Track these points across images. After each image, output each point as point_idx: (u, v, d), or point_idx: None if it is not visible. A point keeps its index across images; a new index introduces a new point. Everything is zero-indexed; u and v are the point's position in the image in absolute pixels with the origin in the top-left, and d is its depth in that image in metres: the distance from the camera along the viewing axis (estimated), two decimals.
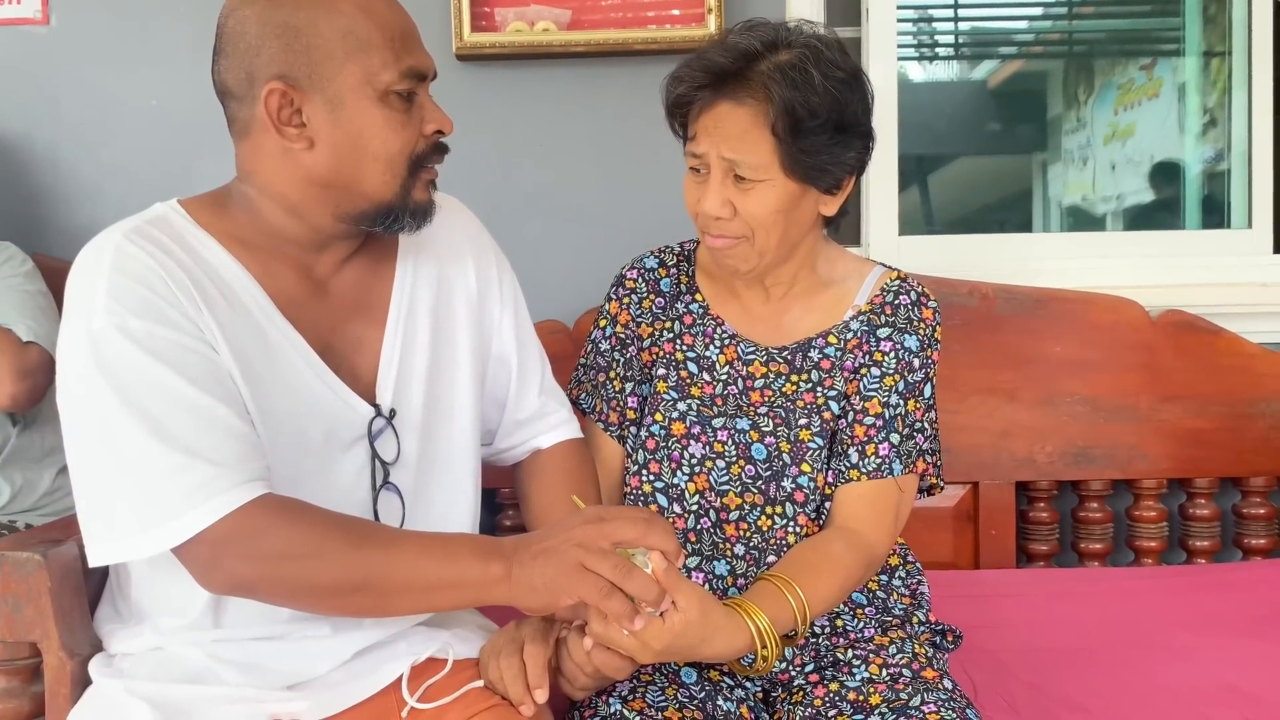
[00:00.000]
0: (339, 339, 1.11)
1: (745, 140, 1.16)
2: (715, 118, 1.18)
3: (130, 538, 0.95)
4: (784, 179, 1.18)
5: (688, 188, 1.24)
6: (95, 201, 1.94)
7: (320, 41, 1.02)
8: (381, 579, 0.98)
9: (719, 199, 1.19)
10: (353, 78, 1.02)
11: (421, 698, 1.06)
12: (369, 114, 1.03)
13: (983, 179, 3.05)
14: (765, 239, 1.21)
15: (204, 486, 0.94)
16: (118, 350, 0.96)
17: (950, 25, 2.79)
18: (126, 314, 0.97)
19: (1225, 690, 1.35)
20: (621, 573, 0.96)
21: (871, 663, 1.21)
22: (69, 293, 1.01)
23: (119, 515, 0.96)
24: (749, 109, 1.16)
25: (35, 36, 1.94)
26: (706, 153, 1.19)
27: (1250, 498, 1.89)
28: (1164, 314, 1.86)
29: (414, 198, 1.09)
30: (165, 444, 0.95)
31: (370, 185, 1.06)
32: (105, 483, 0.97)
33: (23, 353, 1.60)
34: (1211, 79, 2.31)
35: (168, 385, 0.96)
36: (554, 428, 1.29)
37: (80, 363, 0.98)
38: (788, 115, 1.14)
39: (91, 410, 0.97)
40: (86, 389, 0.97)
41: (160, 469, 0.94)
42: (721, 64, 1.17)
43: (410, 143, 1.06)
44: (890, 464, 1.23)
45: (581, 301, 1.81)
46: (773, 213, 1.19)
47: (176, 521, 0.94)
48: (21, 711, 1.13)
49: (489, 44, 1.86)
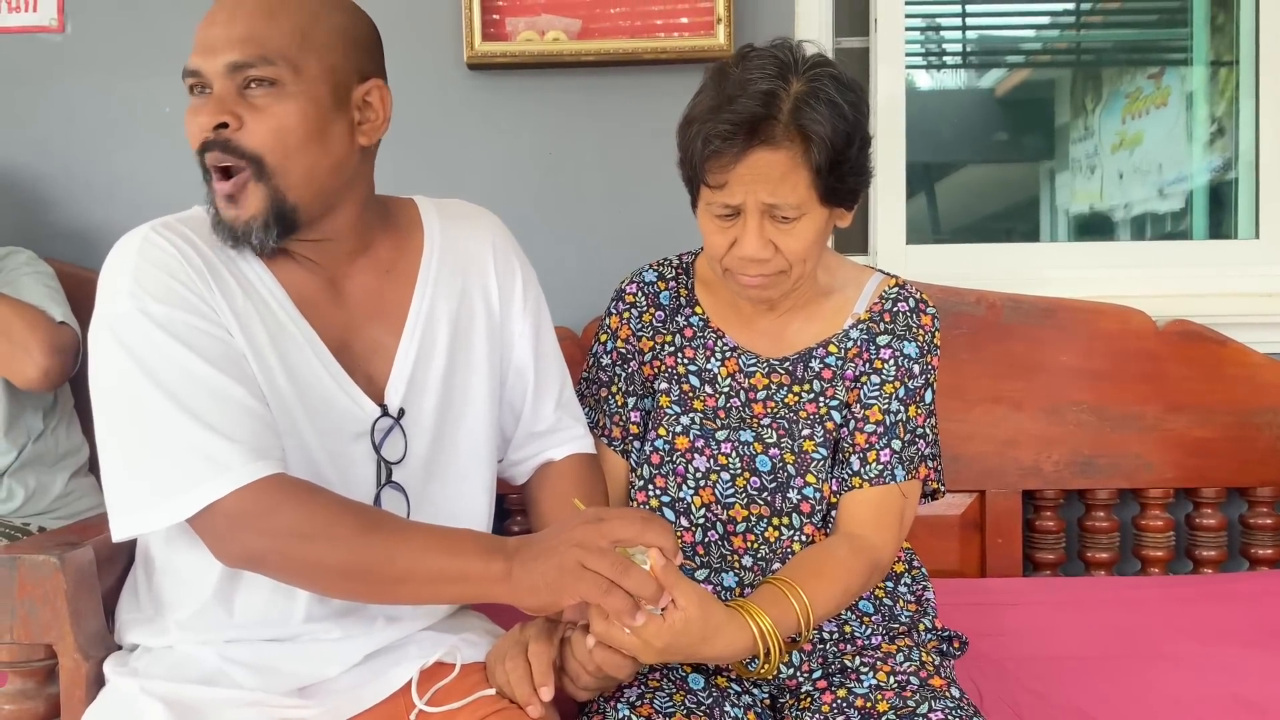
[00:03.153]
0: (357, 340, 1.14)
1: (785, 183, 1.14)
2: (750, 166, 1.14)
3: (150, 508, 0.99)
4: (820, 209, 1.18)
5: (712, 232, 1.21)
6: (108, 207, 1.96)
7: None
8: (385, 566, 1.00)
9: (760, 241, 1.17)
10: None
11: (430, 702, 1.07)
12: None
13: (990, 187, 3.05)
14: (802, 269, 1.21)
15: (220, 460, 0.98)
16: (140, 331, 1.01)
17: (958, 34, 2.79)
18: (148, 298, 1.02)
19: (1231, 700, 1.35)
20: (619, 570, 0.98)
21: (879, 670, 1.21)
22: (102, 279, 1.07)
23: (140, 486, 1.00)
24: (786, 152, 1.13)
25: (50, 44, 1.96)
26: (743, 201, 1.16)
27: (1257, 508, 1.89)
28: (1171, 324, 1.87)
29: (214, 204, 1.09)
30: (186, 418, 0.99)
31: None
32: (129, 456, 1.01)
33: (57, 331, 1.64)
34: (1219, 88, 2.31)
35: (187, 365, 1.01)
36: (567, 442, 1.30)
37: (107, 345, 1.03)
38: (830, 151, 1.13)
39: (117, 386, 1.02)
40: (112, 367, 1.02)
41: (181, 442, 0.99)
42: (752, 111, 1.13)
43: (193, 135, 1.07)
44: (893, 470, 1.24)
45: (589, 308, 1.82)
46: (811, 244, 1.19)
47: (193, 492, 0.98)
48: (37, 713, 1.14)
49: (500, 53, 1.87)
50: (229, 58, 1.04)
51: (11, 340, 1.60)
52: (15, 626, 1.11)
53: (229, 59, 1.04)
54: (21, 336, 1.60)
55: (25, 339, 1.60)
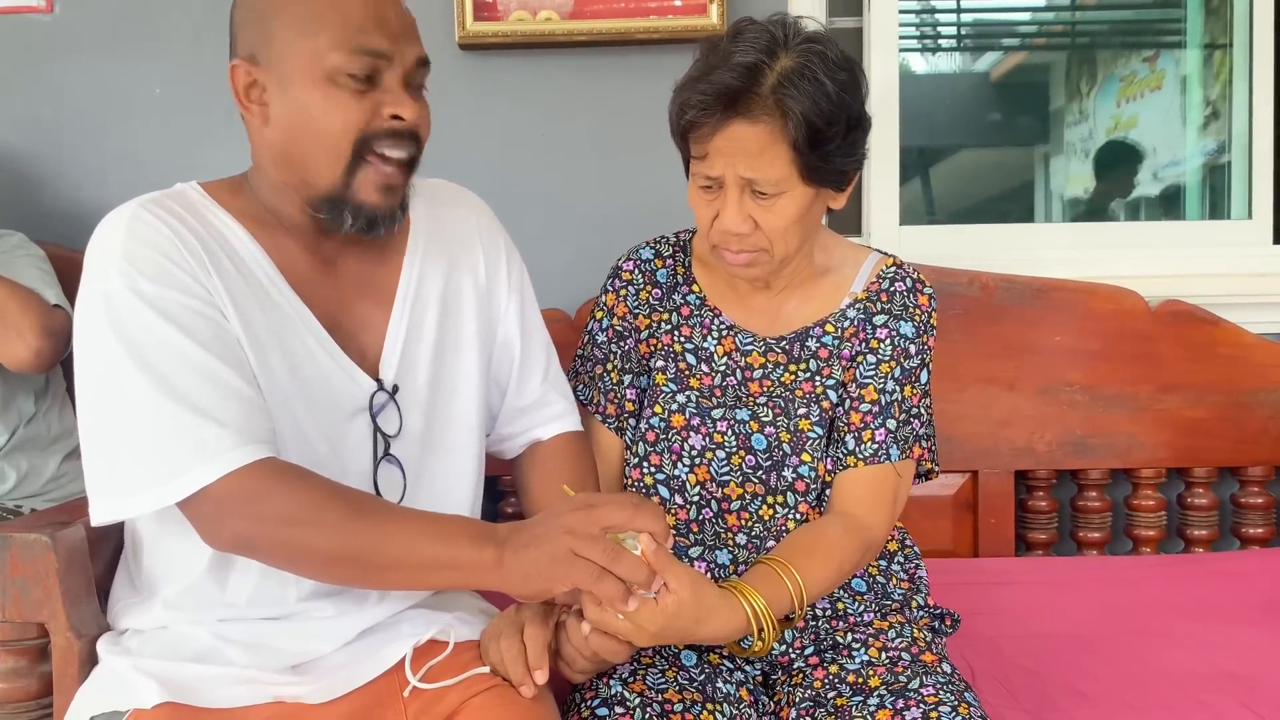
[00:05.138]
0: (347, 317, 1.14)
1: (763, 158, 1.14)
2: (729, 138, 1.14)
3: (138, 493, 0.98)
4: (803, 187, 1.17)
5: (698, 204, 1.21)
6: (100, 189, 1.95)
7: (279, 24, 1.05)
8: (375, 552, 1.00)
9: (739, 215, 1.17)
10: (302, 57, 1.04)
11: (423, 679, 1.07)
12: (312, 93, 1.05)
13: (985, 171, 3.06)
14: (785, 248, 1.21)
15: (209, 445, 0.97)
16: (130, 310, 1.00)
17: (953, 16, 2.79)
18: (139, 276, 1.01)
19: (1222, 676, 1.36)
20: (610, 556, 0.98)
21: (871, 646, 1.22)
22: (88, 258, 1.05)
23: (127, 470, 0.99)
24: (765, 126, 1.13)
25: (39, 24, 1.94)
26: (722, 174, 1.16)
27: (1248, 487, 1.90)
28: (1163, 304, 1.87)
29: (358, 194, 1.08)
30: (174, 402, 0.98)
31: (315, 167, 1.07)
32: (114, 438, 1.00)
33: (50, 313, 1.63)
34: (1214, 71, 2.31)
35: (177, 346, 1.00)
36: (554, 419, 1.30)
37: (95, 322, 1.01)
38: (808, 128, 1.12)
39: (104, 368, 1.00)
40: (100, 347, 1.01)
41: (169, 427, 0.97)
42: (727, 83, 1.13)
43: (354, 124, 1.05)
44: (887, 449, 1.24)
45: (583, 290, 1.82)
46: (792, 223, 1.18)
47: (182, 478, 0.97)
48: (30, 691, 1.14)
49: (492, 33, 1.87)
50: (420, 53, 1.09)
51: (5, 322, 1.59)
52: (7, 605, 1.11)
53: (420, 54, 1.09)
54: (14, 318, 1.59)
55: (18, 320, 1.59)
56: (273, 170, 1.10)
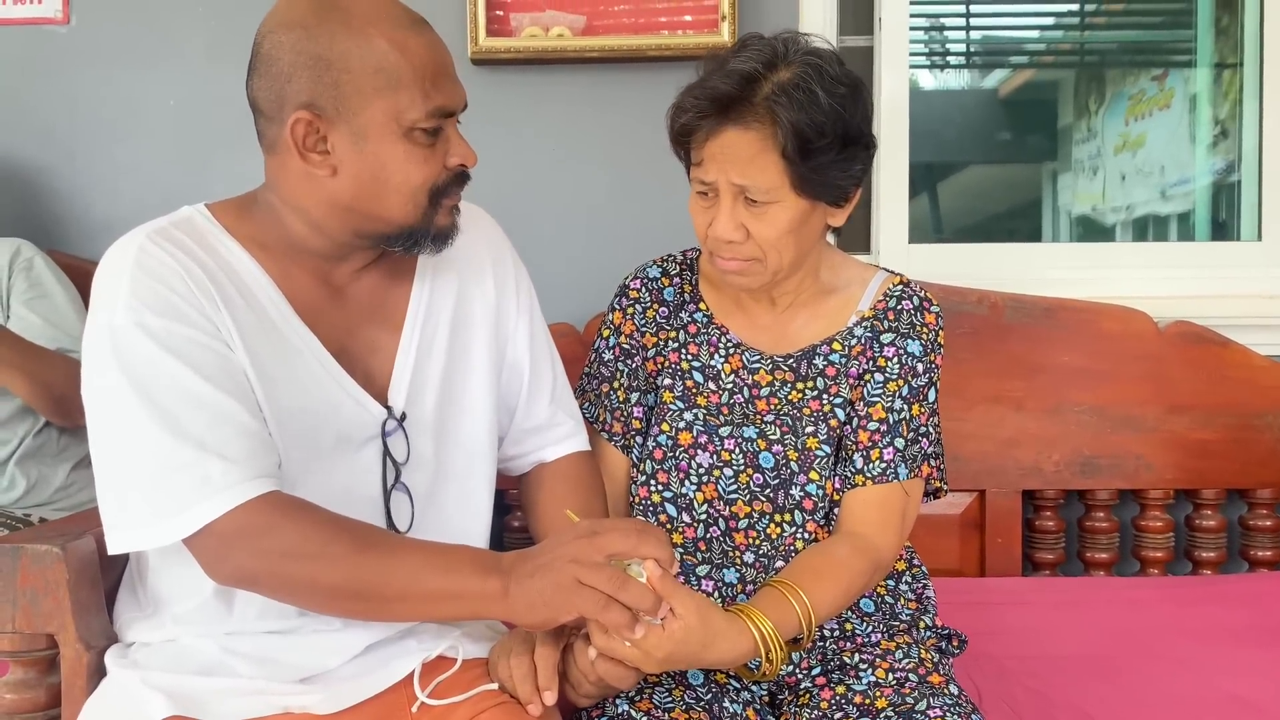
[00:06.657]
0: (355, 343, 1.13)
1: (754, 165, 1.16)
2: (722, 144, 1.17)
3: (143, 527, 0.99)
4: (795, 198, 1.18)
5: (696, 211, 1.23)
6: (112, 200, 1.96)
7: (350, 76, 1.03)
8: (381, 585, 1.00)
9: (731, 223, 1.19)
10: (380, 114, 1.04)
11: (431, 695, 1.07)
12: (392, 149, 1.05)
13: (993, 188, 3.05)
14: (778, 259, 1.21)
15: (213, 481, 0.97)
16: (136, 345, 1.00)
17: (962, 34, 2.79)
18: (146, 311, 1.01)
19: (1229, 700, 1.36)
20: (616, 584, 0.98)
21: (878, 667, 1.21)
22: (95, 290, 1.05)
23: (133, 505, 0.99)
24: (756, 133, 1.15)
25: (55, 36, 1.96)
26: (716, 180, 1.18)
27: (1257, 509, 1.89)
28: (1172, 325, 1.87)
29: (436, 223, 1.11)
30: (178, 438, 0.98)
31: (391, 213, 1.08)
32: (122, 473, 1.00)
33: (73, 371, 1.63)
34: (1223, 90, 2.31)
35: (182, 381, 0.99)
36: (562, 439, 1.30)
37: (101, 357, 1.01)
38: (796, 137, 1.14)
39: (111, 403, 1.01)
40: (106, 382, 1.01)
41: (172, 462, 0.98)
42: (723, 90, 1.16)
43: (432, 176, 1.08)
44: (895, 468, 1.24)
45: (592, 305, 1.82)
46: (785, 233, 1.19)
47: (185, 514, 0.97)
48: (38, 702, 1.15)
49: (504, 49, 1.87)
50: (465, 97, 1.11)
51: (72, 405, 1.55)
52: (17, 616, 1.11)
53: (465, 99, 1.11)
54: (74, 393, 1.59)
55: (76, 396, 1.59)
56: (324, 213, 1.08)
